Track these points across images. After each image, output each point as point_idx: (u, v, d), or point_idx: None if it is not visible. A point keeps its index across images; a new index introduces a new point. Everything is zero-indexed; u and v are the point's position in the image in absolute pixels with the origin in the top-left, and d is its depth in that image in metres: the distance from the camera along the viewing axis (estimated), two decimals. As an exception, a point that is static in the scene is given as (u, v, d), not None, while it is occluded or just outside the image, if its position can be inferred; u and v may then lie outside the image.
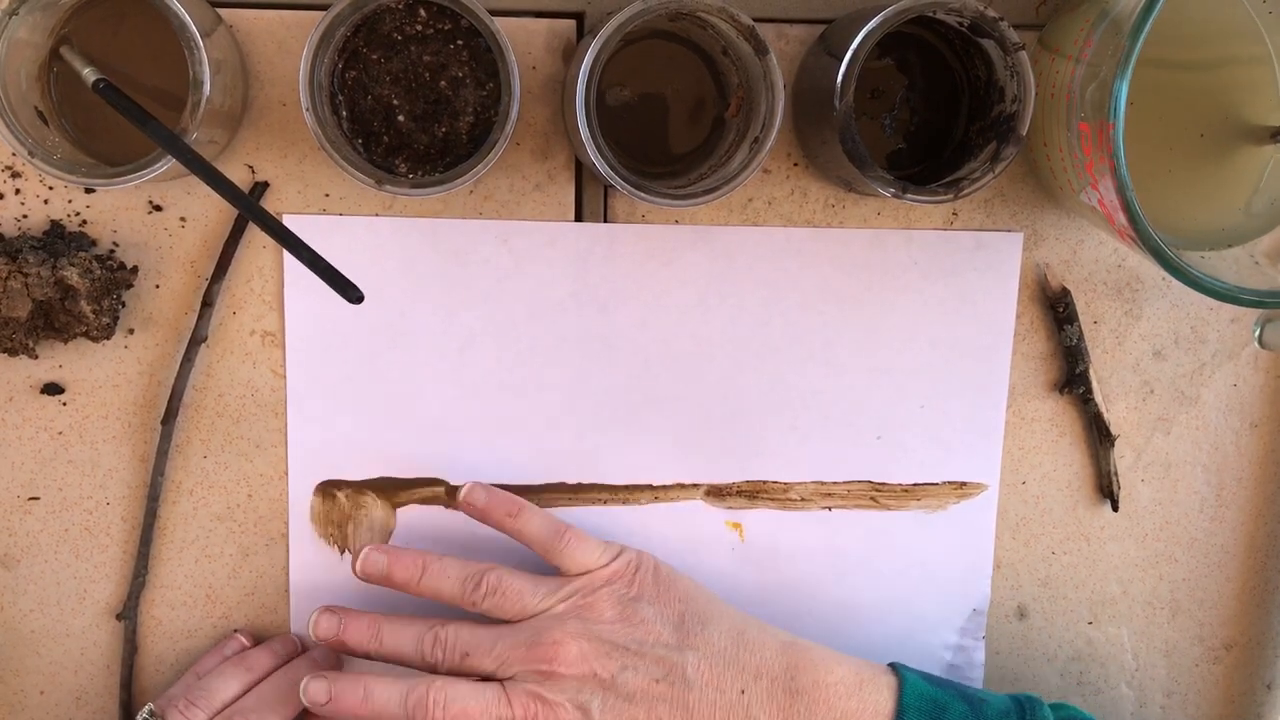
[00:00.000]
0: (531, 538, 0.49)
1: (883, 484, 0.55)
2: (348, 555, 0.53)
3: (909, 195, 0.45)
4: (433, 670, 0.47)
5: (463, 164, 0.44)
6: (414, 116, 0.46)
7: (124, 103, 0.42)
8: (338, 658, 0.52)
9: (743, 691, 0.46)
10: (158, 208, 0.49)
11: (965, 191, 0.45)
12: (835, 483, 0.54)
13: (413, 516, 0.53)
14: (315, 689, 0.46)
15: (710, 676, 0.47)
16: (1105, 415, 0.55)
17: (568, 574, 0.49)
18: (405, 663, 0.48)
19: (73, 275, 0.46)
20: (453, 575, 0.48)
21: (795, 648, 0.48)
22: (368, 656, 0.49)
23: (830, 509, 0.55)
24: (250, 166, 0.49)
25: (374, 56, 0.45)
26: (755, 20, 0.43)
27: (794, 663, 0.48)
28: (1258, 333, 0.55)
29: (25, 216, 0.49)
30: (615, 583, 0.48)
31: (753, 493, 0.54)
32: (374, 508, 0.52)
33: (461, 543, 0.53)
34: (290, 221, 0.50)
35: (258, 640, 0.53)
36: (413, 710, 0.45)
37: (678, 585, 0.49)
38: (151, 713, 0.47)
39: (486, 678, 0.47)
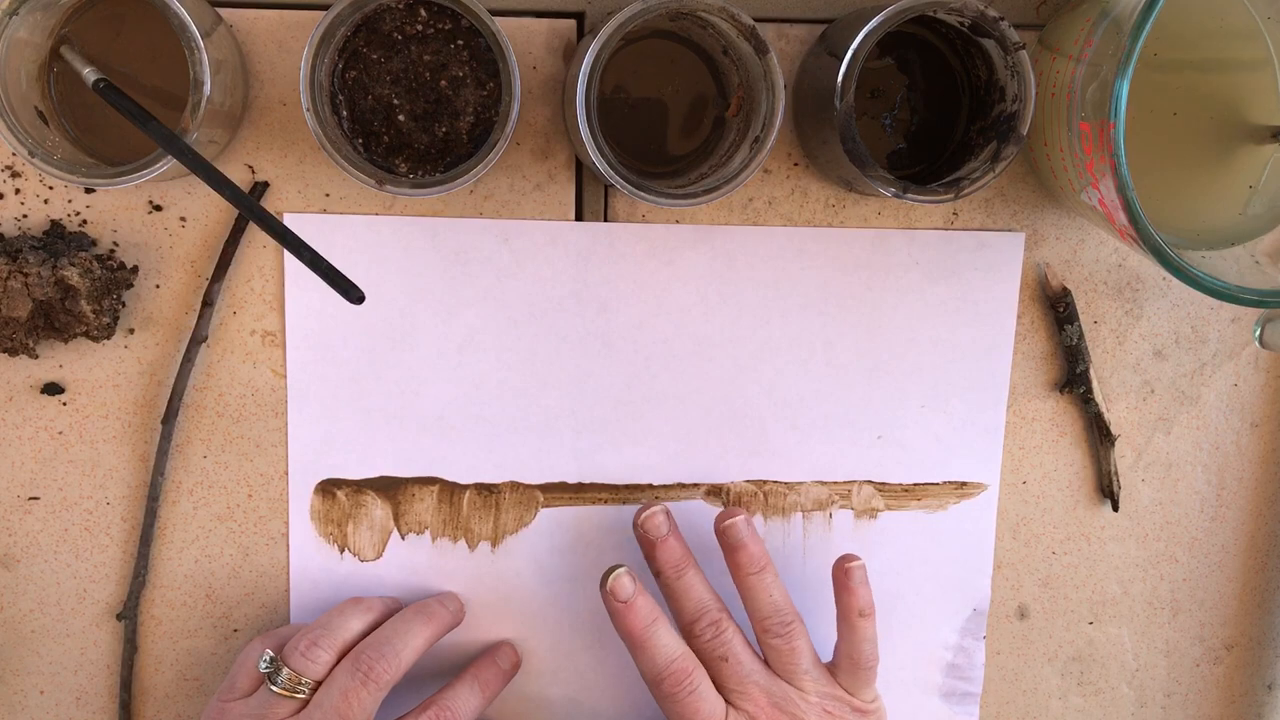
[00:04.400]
0: (854, 650, 0.51)
1: (883, 484, 0.55)
2: (348, 554, 0.53)
3: (909, 195, 0.45)
4: (686, 637, 0.50)
5: (463, 164, 0.43)
6: (414, 116, 0.46)
7: (124, 103, 0.42)
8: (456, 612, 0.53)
9: None
10: (158, 207, 0.49)
11: (966, 191, 0.45)
12: (836, 482, 0.54)
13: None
14: (624, 583, 0.49)
15: None
16: (1106, 415, 0.55)
17: (837, 683, 0.51)
18: (678, 612, 0.50)
19: (73, 275, 0.46)
20: (775, 598, 0.50)
21: None
22: (658, 577, 0.51)
23: (831, 509, 0.55)
24: (250, 166, 0.49)
25: (374, 56, 0.45)
26: (756, 20, 0.43)
27: None
28: (1258, 332, 0.55)
29: (25, 216, 0.49)
30: (863, 717, 0.51)
31: (754, 492, 0.54)
32: (374, 507, 0.52)
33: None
34: (290, 221, 0.50)
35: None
36: (670, 674, 0.48)
37: None
38: (272, 659, 0.47)
39: (718, 685, 0.49)
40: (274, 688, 0.46)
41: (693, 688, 0.48)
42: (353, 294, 0.40)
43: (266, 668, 0.47)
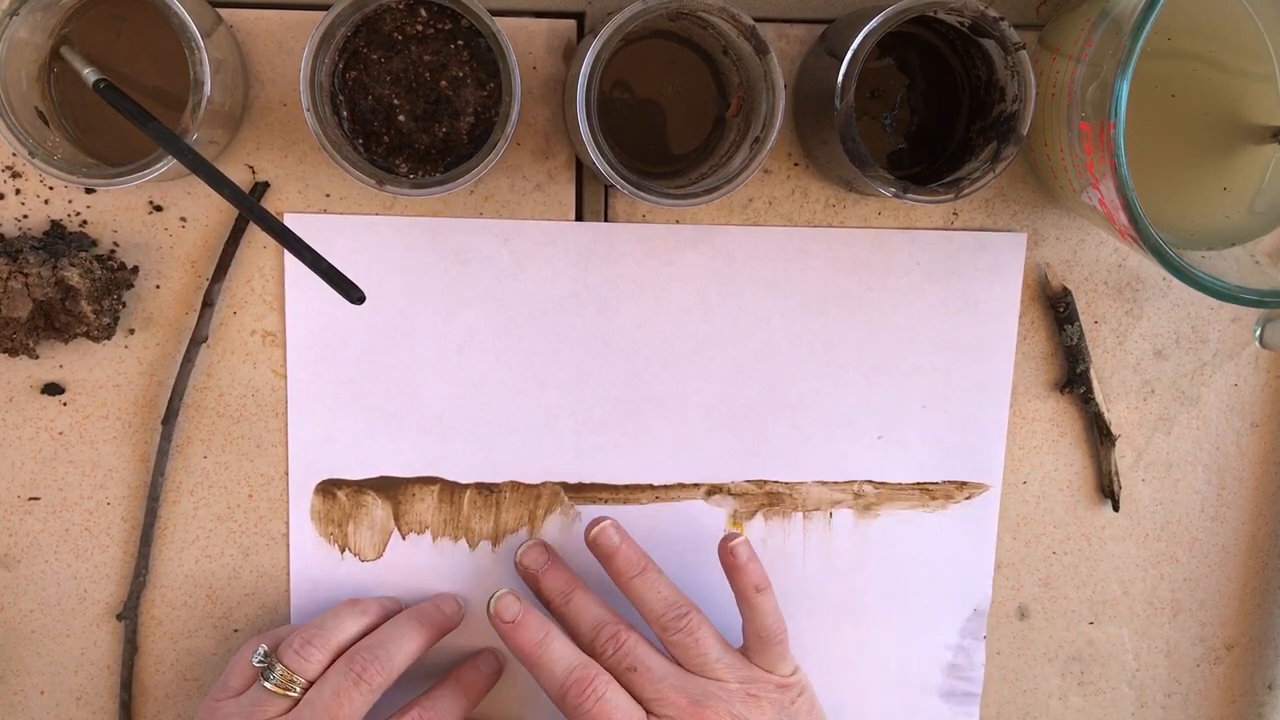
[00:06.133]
0: (759, 627, 0.50)
1: (883, 484, 0.55)
2: (348, 554, 0.53)
3: (909, 195, 0.45)
4: (592, 658, 0.48)
5: (463, 164, 0.43)
6: (414, 116, 0.46)
7: (124, 103, 0.42)
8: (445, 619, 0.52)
9: None
10: (158, 208, 0.49)
11: (966, 191, 0.45)
12: (836, 482, 0.54)
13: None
14: (508, 603, 0.48)
15: None
16: (1106, 415, 0.55)
17: (752, 663, 0.50)
18: (575, 636, 0.49)
19: (73, 275, 0.46)
20: (664, 593, 0.49)
21: None
22: (548, 607, 0.50)
23: (831, 509, 0.55)
24: (251, 166, 0.49)
25: (375, 56, 0.45)
26: (756, 20, 0.43)
27: None
28: (1258, 332, 0.55)
29: (25, 216, 0.49)
30: (786, 692, 0.50)
31: (754, 492, 0.54)
32: (374, 507, 0.52)
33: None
34: (291, 221, 0.50)
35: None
36: (571, 684, 0.46)
37: None
38: (266, 654, 0.47)
39: (635, 698, 0.48)
40: (267, 684, 0.46)
41: (599, 695, 0.46)
42: (353, 294, 0.40)
43: (261, 662, 0.47)
